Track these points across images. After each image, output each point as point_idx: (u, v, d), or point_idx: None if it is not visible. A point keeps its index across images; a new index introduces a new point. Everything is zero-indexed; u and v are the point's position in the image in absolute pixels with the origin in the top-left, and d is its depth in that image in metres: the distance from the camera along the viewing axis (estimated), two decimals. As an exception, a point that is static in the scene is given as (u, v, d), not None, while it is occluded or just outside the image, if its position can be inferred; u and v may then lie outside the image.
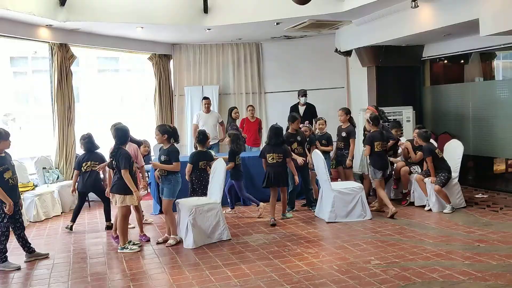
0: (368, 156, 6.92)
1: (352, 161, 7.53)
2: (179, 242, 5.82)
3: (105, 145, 6.63)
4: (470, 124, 8.84)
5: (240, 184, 7.17)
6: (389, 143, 7.20)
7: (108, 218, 6.77)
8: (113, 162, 5.57)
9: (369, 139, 6.86)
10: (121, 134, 5.64)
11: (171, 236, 5.87)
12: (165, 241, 5.91)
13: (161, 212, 6.94)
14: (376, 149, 6.80)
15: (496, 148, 8.44)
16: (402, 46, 9.30)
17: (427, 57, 9.62)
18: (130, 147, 6.16)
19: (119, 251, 5.63)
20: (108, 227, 6.67)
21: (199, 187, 6.32)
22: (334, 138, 7.91)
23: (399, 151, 7.74)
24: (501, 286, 4.11)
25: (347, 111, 7.76)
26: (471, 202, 7.40)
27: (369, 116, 7.04)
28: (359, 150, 8.09)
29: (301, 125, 7.46)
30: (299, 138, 7.12)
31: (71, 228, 6.72)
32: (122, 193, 5.51)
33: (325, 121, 7.85)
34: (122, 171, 5.44)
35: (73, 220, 6.77)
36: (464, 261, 4.80)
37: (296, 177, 6.79)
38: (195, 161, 6.34)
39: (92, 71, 9.73)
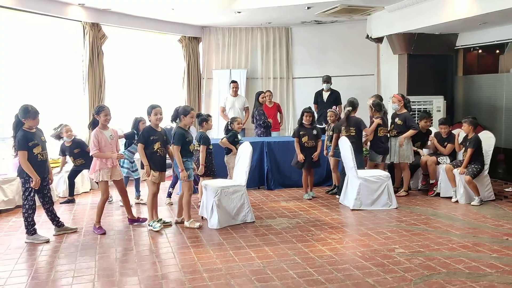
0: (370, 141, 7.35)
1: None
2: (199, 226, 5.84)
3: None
4: (502, 115, 8.61)
5: None
6: (408, 132, 7.17)
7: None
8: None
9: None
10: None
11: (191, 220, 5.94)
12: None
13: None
14: (379, 134, 7.17)
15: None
16: (436, 34, 9.09)
17: (461, 46, 9.37)
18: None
19: (148, 227, 5.76)
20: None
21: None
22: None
23: (429, 142, 7.61)
24: (528, 280, 4.03)
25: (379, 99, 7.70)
26: (500, 196, 7.25)
27: (372, 103, 7.34)
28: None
29: (328, 110, 7.58)
30: (315, 132, 7.20)
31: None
32: (150, 169, 5.66)
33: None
34: (138, 145, 5.67)
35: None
36: (492, 254, 4.71)
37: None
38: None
39: (122, 52, 9.81)
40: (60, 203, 7.17)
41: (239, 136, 7.28)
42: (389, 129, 7.37)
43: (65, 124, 7.24)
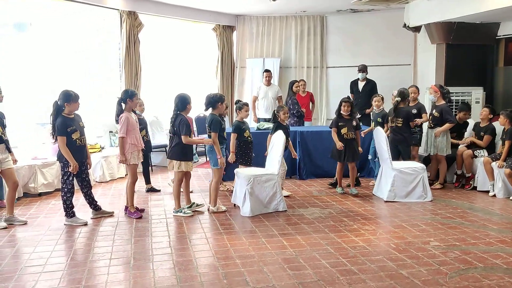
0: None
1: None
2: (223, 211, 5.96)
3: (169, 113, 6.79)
4: (545, 108, 8.29)
5: None
6: (445, 126, 7.01)
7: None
8: (173, 128, 5.76)
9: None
10: (178, 101, 5.77)
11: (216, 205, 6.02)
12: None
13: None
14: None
15: None
16: (476, 23, 8.80)
17: (503, 35, 9.05)
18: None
19: (173, 214, 5.86)
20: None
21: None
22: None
23: (465, 136, 7.45)
24: None
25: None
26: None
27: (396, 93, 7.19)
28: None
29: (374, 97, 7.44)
30: (354, 123, 6.84)
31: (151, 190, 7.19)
32: (179, 159, 5.72)
33: (382, 98, 7.51)
34: (182, 137, 5.61)
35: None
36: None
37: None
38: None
39: (158, 40, 9.94)
40: (146, 191, 7.20)
41: (268, 125, 7.34)
42: (429, 119, 7.23)
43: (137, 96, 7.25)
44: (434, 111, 7.19)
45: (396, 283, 3.79)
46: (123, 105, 5.76)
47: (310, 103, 9.54)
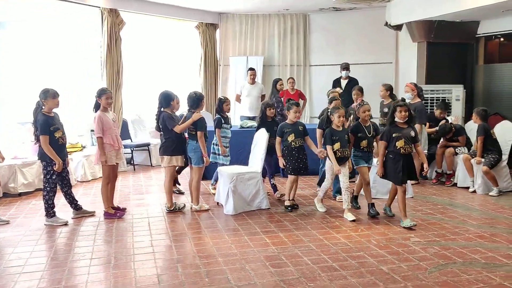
0: None
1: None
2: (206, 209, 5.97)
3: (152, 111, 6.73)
4: (524, 106, 8.46)
5: None
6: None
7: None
8: (160, 125, 5.76)
9: None
10: (162, 99, 5.77)
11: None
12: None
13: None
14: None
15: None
16: (456, 21, 8.92)
17: (482, 34, 9.19)
18: None
19: (166, 211, 5.85)
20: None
21: None
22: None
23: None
24: (547, 271, 3.98)
25: (388, 87, 7.57)
26: (519, 187, 7.13)
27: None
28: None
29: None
30: (412, 133, 5.41)
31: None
32: (170, 154, 5.72)
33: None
34: (174, 129, 5.65)
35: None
36: (509, 244, 4.67)
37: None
38: None
39: (140, 38, 9.87)
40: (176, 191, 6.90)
41: (252, 123, 7.33)
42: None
43: None
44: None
45: (377, 279, 3.83)
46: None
47: (300, 100, 9.53)
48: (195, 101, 5.90)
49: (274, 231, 5.11)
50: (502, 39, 9.42)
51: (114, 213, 5.70)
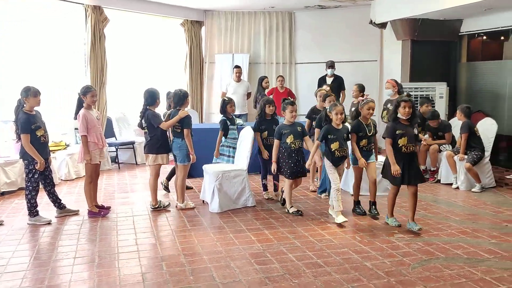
0: None
1: None
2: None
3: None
4: (505, 103, 8.57)
5: None
6: None
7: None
8: (145, 122, 5.75)
9: None
10: (148, 96, 5.75)
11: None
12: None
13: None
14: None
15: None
16: (440, 20, 9.01)
17: (465, 32, 9.29)
18: None
19: (151, 209, 5.84)
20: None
21: None
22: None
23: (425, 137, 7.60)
24: (528, 266, 4.05)
25: (360, 87, 7.62)
26: (501, 183, 7.25)
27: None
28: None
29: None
30: (415, 131, 5.37)
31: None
32: (155, 153, 5.72)
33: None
34: (160, 126, 5.66)
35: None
36: (490, 240, 4.74)
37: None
38: None
39: (124, 35, 9.79)
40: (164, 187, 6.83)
41: (239, 121, 7.28)
42: (382, 115, 7.34)
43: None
44: (389, 105, 7.31)
45: (360, 275, 3.86)
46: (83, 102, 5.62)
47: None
48: (181, 98, 5.87)
49: (260, 228, 5.12)
50: (484, 37, 9.53)
51: (98, 211, 5.66)
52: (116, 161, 8.83)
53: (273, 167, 5.67)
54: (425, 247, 4.52)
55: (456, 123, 7.42)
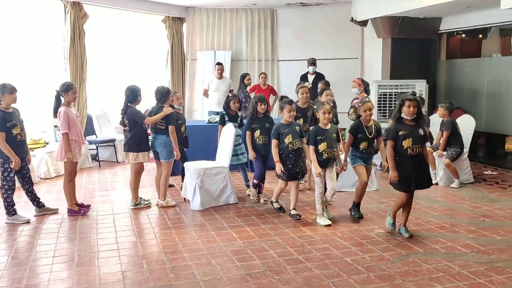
0: None
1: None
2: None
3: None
4: (484, 100, 8.72)
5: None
6: None
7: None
8: (125, 120, 5.72)
9: None
10: (129, 94, 5.71)
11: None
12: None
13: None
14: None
15: (508, 126, 8.32)
16: (420, 18, 9.11)
17: (444, 30, 9.42)
18: None
19: (131, 207, 5.81)
20: None
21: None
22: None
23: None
24: (504, 260, 4.13)
25: (327, 84, 7.46)
26: (479, 178, 7.37)
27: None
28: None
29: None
30: (421, 131, 4.83)
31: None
32: (136, 151, 5.68)
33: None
34: (143, 122, 5.66)
35: None
36: (468, 234, 4.82)
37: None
38: None
39: (104, 32, 9.68)
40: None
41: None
42: (348, 112, 7.34)
43: (174, 90, 6.77)
44: (359, 104, 7.33)
45: (340, 270, 3.90)
46: (62, 99, 5.54)
47: (271, 96, 9.54)
48: (163, 95, 5.87)
49: (241, 225, 5.12)
50: (463, 35, 9.68)
51: (78, 210, 5.59)
52: (97, 159, 8.74)
53: (278, 167, 5.29)
54: (404, 242, 4.58)
55: (435, 120, 7.51)
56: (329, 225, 5.07)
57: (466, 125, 7.30)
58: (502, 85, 8.32)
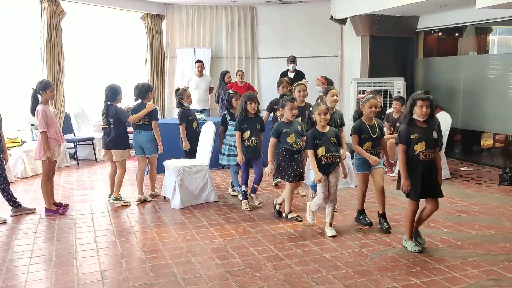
0: None
1: None
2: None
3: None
4: (460, 97, 8.88)
5: None
6: None
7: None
8: (108, 119, 5.78)
9: None
10: (109, 92, 5.77)
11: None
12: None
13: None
14: None
15: (484, 123, 8.50)
16: (398, 16, 9.23)
17: (422, 28, 9.56)
18: None
19: (111, 201, 5.91)
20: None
21: None
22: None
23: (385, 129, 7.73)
24: (479, 254, 4.23)
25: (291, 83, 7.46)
26: (455, 174, 7.51)
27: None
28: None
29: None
30: (435, 134, 5.33)
31: None
32: (121, 148, 5.80)
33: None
34: (128, 120, 5.79)
35: None
36: (445, 229, 4.91)
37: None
38: None
39: (82, 29, 9.55)
40: None
41: (200, 116, 7.23)
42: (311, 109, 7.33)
43: (184, 88, 6.60)
44: (320, 101, 7.39)
45: (320, 266, 3.94)
46: (39, 97, 5.45)
47: None
48: (142, 91, 5.97)
49: (222, 223, 5.13)
50: (440, 34, 9.83)
51: (56, 209, 5.52)
52: (75, 157, 8.63)
53: (269, 168, 5.04)
54: (382, 238, 4.64)
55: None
56: (300, 220, 5.09)
57: (443, 122, 7.41)
58: (478, 83, 8.48)
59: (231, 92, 6.20)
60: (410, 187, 4.14)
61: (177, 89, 6.50)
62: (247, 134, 5.50)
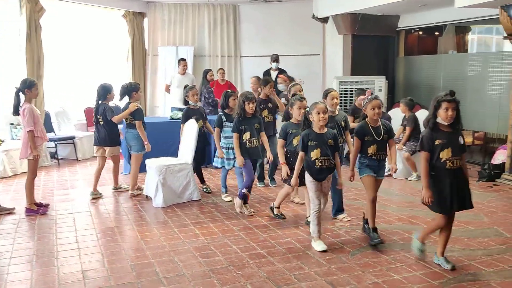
0: None
1: None
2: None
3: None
4: (440, 95, 8.99)
5: None
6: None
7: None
8: (95, 116, 6.05)
9: None
10: (101, 91, 6.04)
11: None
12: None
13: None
14: None
15: (464, 121, 8.52)
16: (379, 15, 9.32)
17: (403, 27, 9.67)
18: None
19: (90, 196, 6.09)
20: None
21: None
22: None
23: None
24: (457, 249, 4.31)
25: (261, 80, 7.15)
26: (436, 171, 7.60)
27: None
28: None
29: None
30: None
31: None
32: (114, 145, 6.13)
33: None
34: (112, 119, 5.96)
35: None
36: (425, 225, 4.97)
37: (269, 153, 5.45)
38: None
39: (62, 27, 9.43)
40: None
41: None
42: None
43: (190, 86, 6.42)
44: (283, 99, 7.44)
45: (302, 263, 3.96)
46: (22, 96, 5.37)
47: None
48: (126, 91, 6.13)
49: (205, 222, 5.12)
50: (420, 33, 9.96)
51: (37, 209, 5.45)
52: (56, 157, 8.52)
53: (284, 170, 4.74)
54: (364, 234, 4.69)
55: (396, 115, 7.71)
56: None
57: (423, 120, 7.51)
58: (457, 81, 8.60)
59: (229, 91, 5.91)
60: (437, 198, 3.72)
61: (185, 86, 6.48)
62: (247, 135, 5.27)
